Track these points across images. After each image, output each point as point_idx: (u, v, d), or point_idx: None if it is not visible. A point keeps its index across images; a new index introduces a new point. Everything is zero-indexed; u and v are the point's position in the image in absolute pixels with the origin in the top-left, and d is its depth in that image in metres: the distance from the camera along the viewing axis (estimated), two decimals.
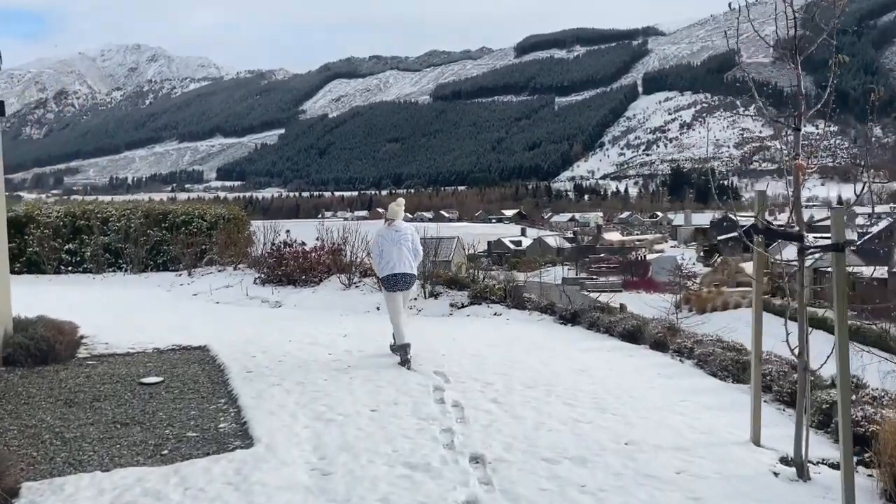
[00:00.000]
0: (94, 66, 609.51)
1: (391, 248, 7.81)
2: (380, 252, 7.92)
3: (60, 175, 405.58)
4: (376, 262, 8.04)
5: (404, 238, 7.90)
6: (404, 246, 7.85)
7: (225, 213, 18.40)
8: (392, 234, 7.89)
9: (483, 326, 9.97)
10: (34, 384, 7.14)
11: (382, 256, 7.86)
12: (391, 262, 7.78)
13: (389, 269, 7.79)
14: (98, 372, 7.62)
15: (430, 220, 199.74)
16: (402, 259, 7.79)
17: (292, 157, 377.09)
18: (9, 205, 20.57)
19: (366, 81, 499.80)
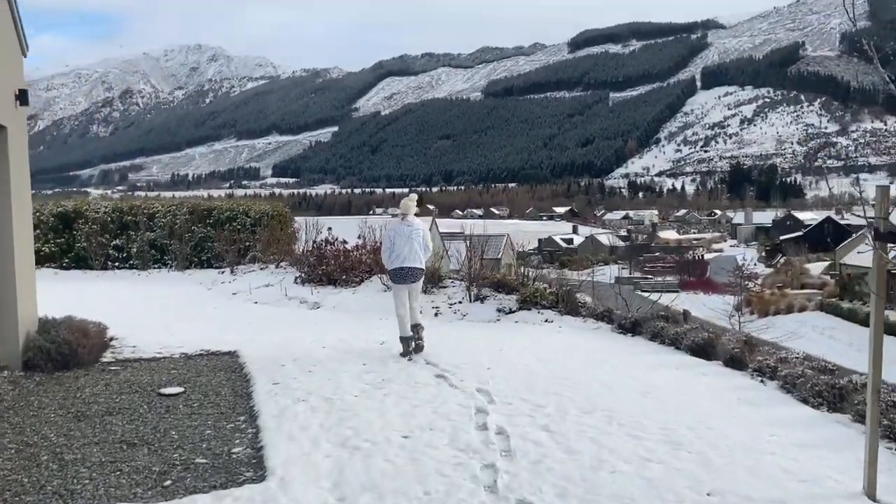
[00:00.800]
0: (157, 66, 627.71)
1: (403, 243, 7.94)
2: (391, 245, 8.01)
3: (125, 171, 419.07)
4: (386, 255, 8.12)
5: (416, 233, 8.04)
6: (415, 241, 7.99)
7: (269, 209, 18.00)
8: (404, 229, 8.02)
9: (533, 335, 9.14)
10: (49, 393, 6.67)
11: (393, 250, 7.97)
12: (401, 255, 7.90)
13: (399, 262, 7.90)
14: (119, 380, 7.11)
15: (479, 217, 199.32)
16: (412, 253, 7.91)
17: (345, 155, 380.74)
18: (57, 200, 20.72)
19: (418, 79, 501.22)
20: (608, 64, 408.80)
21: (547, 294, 10.56)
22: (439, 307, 10.82)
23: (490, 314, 10.37)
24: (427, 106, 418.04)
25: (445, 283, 11.91)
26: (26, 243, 7.96)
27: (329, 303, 11.70)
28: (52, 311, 11.08)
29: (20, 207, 7.68)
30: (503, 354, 7.80)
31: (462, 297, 11.05)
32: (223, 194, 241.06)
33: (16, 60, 7.96)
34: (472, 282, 11.10)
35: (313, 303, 11.79)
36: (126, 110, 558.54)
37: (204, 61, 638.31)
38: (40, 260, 18.59)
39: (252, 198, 45.01)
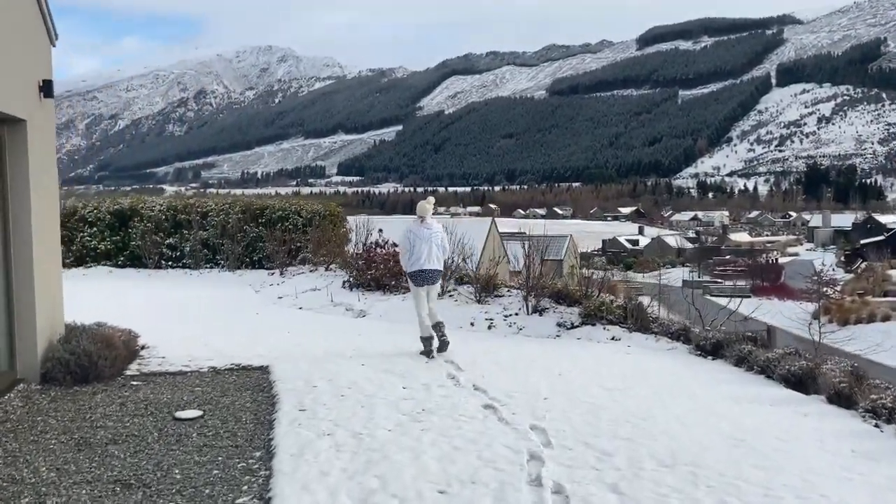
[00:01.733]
0: (230, 67, 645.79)
1: (422, 245, 7.96)
2: (410, 248, 8.04)
3: (198, 169, 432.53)
4: (405, 257, 8.15)
5: (435, 235, 8.08)
6: (434, 243, 8.04)
7: (321, 209, 17.41)
8: (423, 232, 8.03)
9: (598, 356, 8.10)
10: (59, 412, 6.07)
11: (413, 252, 8.00)
12: (421, 258, 7.95)
13: (420, 264, 7.95)
14: (136, 398, 6.48)
15: (542, 217, 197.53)
16: (431, 256, 7.98)
17: (408, 153, 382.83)
18: (114, 197, 20.70)
19: (482, 77, 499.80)
20: (678, 61, 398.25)
21: (614, 308, 9.47)
22: (493, 319, 9.90)
23: (549, 329, 9.38)
24: (490, 105, 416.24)
25: (501, 291, 10.98)
26: (49, 244, 7.44)
27: (376, 311, 10.93)
28: (92, 313, 10.68)
29: (44, 206, 7.17)
30: (563, 380, 6.83)
31: (519, 309, 10.09)
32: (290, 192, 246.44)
33: (41, 49, 7.44)
34: (530, 292, 10.13)
35: (359, 310, 11.04)
36: (200, 110, 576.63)
37: (274, 62, 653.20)
38: (96, 258, 18.60)
39: (306, 197, 44.74)
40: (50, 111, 7.56)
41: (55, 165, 7.80)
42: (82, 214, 18.66)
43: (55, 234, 7.71)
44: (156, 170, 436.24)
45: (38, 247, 6.99)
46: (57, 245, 7.75)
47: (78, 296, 13.52)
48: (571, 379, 6.86)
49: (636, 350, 8.53)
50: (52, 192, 7.65)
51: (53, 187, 7.68)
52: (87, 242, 18.35)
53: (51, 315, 7.38)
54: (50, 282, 7.39)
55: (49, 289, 7.33)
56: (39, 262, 6.99)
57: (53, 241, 7.61)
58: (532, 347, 8.40)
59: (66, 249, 18.50)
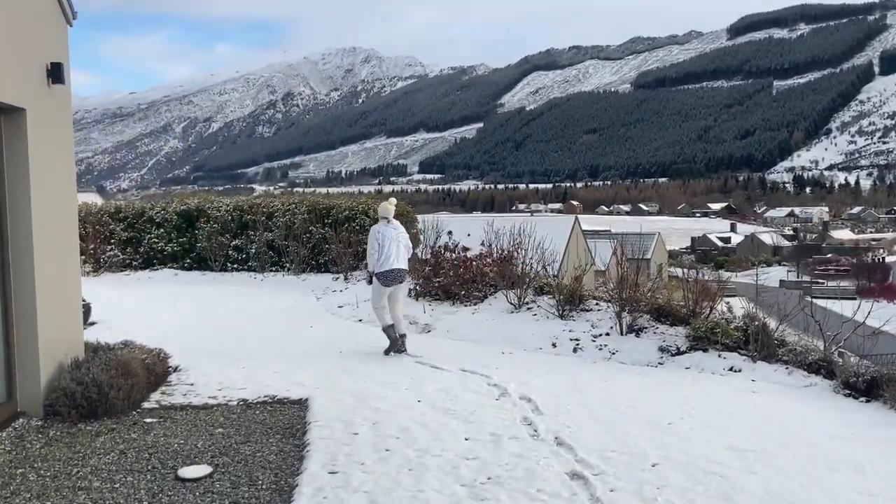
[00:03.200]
0: (315, 69, 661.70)
1: (391, 245, 8.11)
2: (379, 248, 8.13)
3: (286, 169, 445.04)
4: (374, 257, 8.21)
5: (401, 236, 8.30)
6: (401, 243, 8.24)
7: None
8: (391, 232, 8.21)
9: (716, 396, 6.39)
10: (47, 461, 4.99)
11: (382, 252, 8.10)
12: (391, 257, 8.08)
13: (389, 264, 8.08)
14: (143, 444, 5.34)
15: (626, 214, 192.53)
16: (399, 255, 8.16)
17: (489, 150, 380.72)
18: (182, 197, 20.21)
19: (564, 73, 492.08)
20: (772, 50, 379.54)
21: (730, 330, 7.71)
22: (579, 340, 8.36)
23: (649, 354, 7.75)
24: (573, 100, 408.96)
25: (588, 303, 9.41)
26: (59, 251, 6.42)
27: (442, 326, 9.57)
28: (136, 324, 9.82)
29: (51, 206, 6.14)
30: (675, 433, 5.24)
31: (610, 327, 8.50)
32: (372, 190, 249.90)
33: (50, 29, 6.42)
34: (625, 306, 8.53)
35: (423, 325, 9.71)
36: (287, 112, 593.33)
37: (358, 63, 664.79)
38: (163, 260, 18.06)
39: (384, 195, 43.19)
40: (62, 98, 6.56)
41: (70, 160, 6.80)
42: (150, 215, 18.19)
43: (69, 240, 6.71)
44: (246, 170, 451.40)
45: (42, 254, 5.96)
46: (71, 252, 6.75)
47: (134, 302, 12.86)
48: (685, 432, 5.26)
49: (764, 387, 6.77)
50: (64, 190, 6.62)
51: (66, 185, 6.66)
52: (155, 244, 17.86)
53: (61, 334, 6.37)
54: (60, 295, 6.38)
55: (58, 303, 6.31)
56: (44, 272, 5.97)
57: (66, 248, 6.61)
58: (629, 381, 6.81)
59: (134, 251, 18.12)
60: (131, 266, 17.92)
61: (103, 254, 17.53)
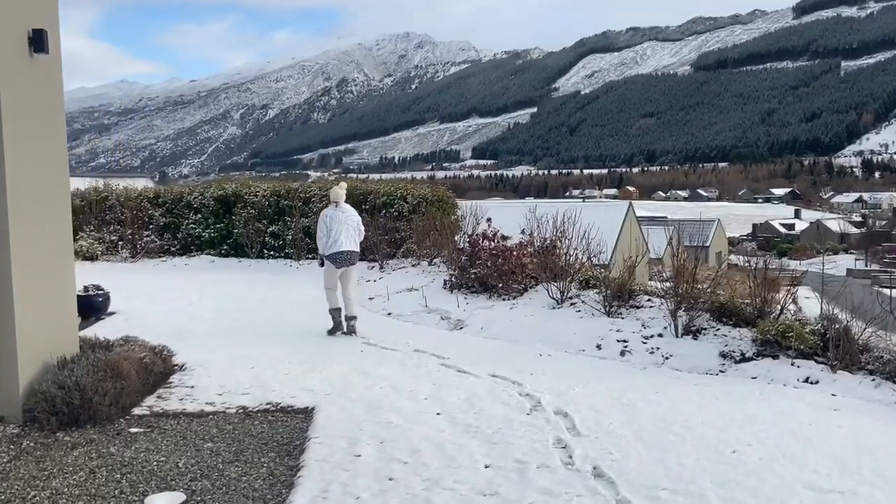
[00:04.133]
0: (370, 56, 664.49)
1: (339, 228, 8.37)
2: (327, 231, 8.39)
3: (340, 155, 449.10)
4: (323, 240, 8.47)
5: (349, 219, 8.58)
6: (350, 225, 8.52)
7: (428, 194, 15.40)
8: (339, 215, 8.48)
9: (790, 415, 5.31)
10: (6, 480, 4.39)
11: (329, 235, 8.37)
12: (339, 240, 8.35)
13: (337, 246, 8.35)
14: (119, 461, 4.70)
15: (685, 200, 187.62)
16: (348, 237, 8.41)
17: (543, 136, 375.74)
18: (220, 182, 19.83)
19: (621, 55, 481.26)
20: (840, 29, 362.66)
21: (805, 334, 6.61)
22: (628, 341, 7.41)
23: (708, 360, 6.74)
24: (630, 83, 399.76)
25: (639, 299, 8.43)
26: (45, 238, 5.83)
27: (476, 321, 8.73)
28: (156, 314, 9.30)
29: (33, 189, 5.55)
30: (741, 464, 4.30)
31: (664, 327, 7.52)
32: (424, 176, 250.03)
33: None
34: (681, 303, 7.53)
35: (456, 320, 8.89)
36: (342, 98, 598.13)
37: (411, 48, 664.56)
38: (200, 246, 17.71)
39: (441, 181, 41.95)
40: (49, 70, 5.93)
41: (61, 139, 6.18)
42: (188, 201, 17.85)
43: (60, 226, 6.11)
44: (301, 156, 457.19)
45: (20, 242, 5.37)
46: (61, 241, 6.14)
47: (161, 290, 12.43)
48: (754, 465, 4.31)
49: (846, 403, 5.71)
50: (52, 172, 6.00)
51: (53, 166, 6.04)
52: (192, 230, 17.51)
53: (45, 330, 5.78)
54: (45, 287, 5.79)
55: (42, 296, 5.73)
56: (23, 261, 5.37)
57: (54, 237, 6.01)
58: (685, 393, 5.85)
59: (172, 237, 17.82)
60: (169, 252, 17.63)
61: (140, 239, 17.27)
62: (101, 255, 17.11)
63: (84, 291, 9.67)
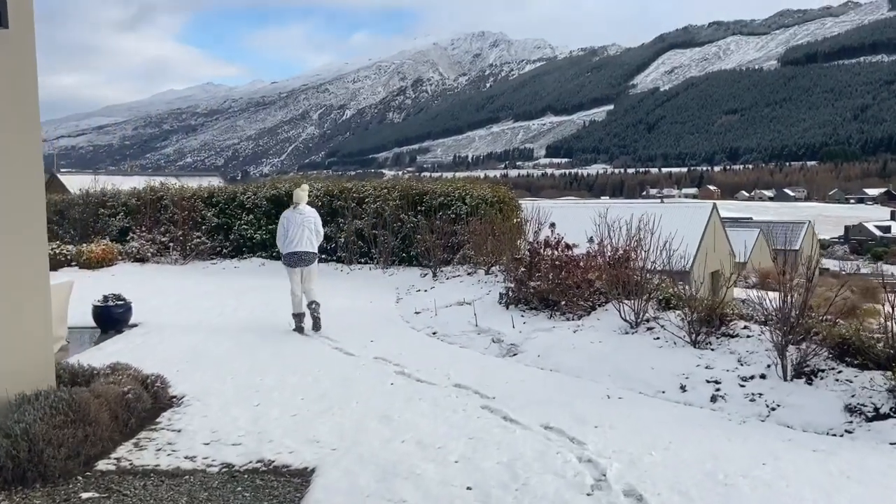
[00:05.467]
0: (445, 55, 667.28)
1: (296, 229, 8.88)
2: (285, 232, 8.92)
3: (414, 154, 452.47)
4: (281, 241, 9.00)
5: (307, 220, 9.05)
6: (307, 227, 8.98)
7: (488, 194, 14.06)
8: (297, 217, 8.98)
9: None
10: None
11: (287, 236, 8.88)
12: (294, 240, 8.84)
13: (293, 247, 8.83)
14: None
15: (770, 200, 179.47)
16: (303, 239, 8.89)
17: (619, 133, 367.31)
18: (274, 181, 19.08)
19: (703, 50, 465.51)
20: None
21: None
22: (721, 382, 5.89)
23: (830, 415, 5.13)
24: (712, 79, 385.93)
25: (733, 326, 6.88)
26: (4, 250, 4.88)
27: (533, 346, 7.37)
28: (178, 327, 8.39)
29: None
30: None
31: (767, 366, 5.97)
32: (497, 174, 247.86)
33: None
34: (789, 334, 5.97)
35: (509, 345, 7.55)
36: (417, 97, 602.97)
37: (486, 47, 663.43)
38: (252, 248, 16.97)
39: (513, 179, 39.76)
40: (14, 49, 4.96)
41: (32, 130, 5.20)
42: (240, 200, 17.14)
43: (28, 234, 5.14)
44: (377, 155, 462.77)
45: None
46: (31, 250, 5.17)
47: (197, 297, 11.61)
48: None
49: None
50: (17, 168, 5.03)
51: (20, 162, 5.06)
52: (244, 231, 16.78)
53: (4, 361, 4.82)
54: (3, 307, 4.83)
55: (30, 315, 4.78)
56: None
57: (19, 245, 5.04)
58: (803, 468, 4.35)
59: (225, 238, 17.17)
60: (220, 254, 16.97)
61: (190, 241, 16.66)
62: (151, 258, 16.59)
63: (103, 302, 8.86)
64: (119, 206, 18.66)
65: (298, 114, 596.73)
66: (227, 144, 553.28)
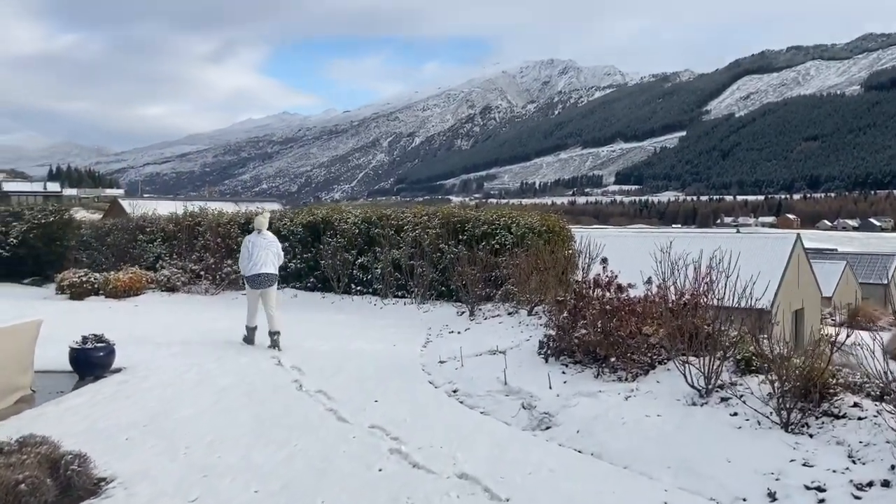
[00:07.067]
0: (513, 83, 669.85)
1: (260, 252, 9.35)
2: (249, 255, 9.35)
3: (481, 181, 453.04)
4: (245, 263, 9.42)
5: (270, 244, 9.58)
6: (270, 251, 9.49)
7: (536, 223, 12.52)
8: (261, 241, 9.48)
9: None
10: None
11: (252, 258, 9.31)
12: (258, 263, 9.29)
13: (257, 269, 9.27)
14: None
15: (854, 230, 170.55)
16: (267, 261, 9.37)
17: (692, 160, 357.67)
18: (311, 207, 18.06)
19: (781, 75, 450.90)
20: None
21: None
22: (826, 489, 4.08)
23: None
24: (790, 104, 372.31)
25: (839, 403, 5.12)
26: None
27: (572, 417, 5.80)
28: (165, 374, 7.23)
29: None
30: None
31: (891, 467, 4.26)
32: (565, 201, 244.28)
33: None
34: None
35: (542, 414, 5.98)
36: (485, 125, 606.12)
37: (555, 75, 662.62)
38: (285, 278, 15.86)
39: (581, 206, 37.24)
40: None
41: None
42: (276, 227, 16.12)
43: None
44: (444, 182, 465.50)
45: None
46: None
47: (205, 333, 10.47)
48: None
49: None
50: None
51: None
52: None
53: None
54: None
55: None
56: None
57: None
58: None
59: None
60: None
61: (220, 270, 15.73)
62: (181, 287, 15.73)
63: (81, 343, 7.76)
64: (157, 232, 18.03)
65: (369, 141, 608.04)
66: (301, 171, 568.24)
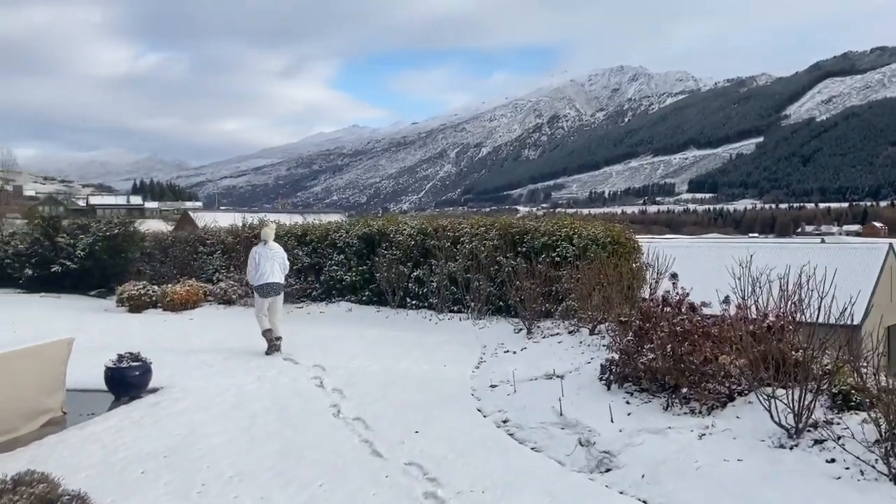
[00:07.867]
0: (581, 91, 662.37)
1: (265, 263, 9.88)
2: (256, 266, 9.89)
3: (549, 190, 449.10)
4: (252, 274, 9.98)
5: (276, 255, 10.12)
6: (276, 261, 10.04)
7: (600, 234, 11.67)
8: (267, 252, 10.01)
9: None
10: None
11: (259, 269, 9.85)
12: (265, 273, 9.82)
13: (265, 279, 9.80)
14: None
15: None
16: (274, 271, 9.93)
17: (770, 167, 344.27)
18: (367, 218, 17.66)
19: (865, 78, 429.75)
20: None
21: None
22: None
23: None
24: (876, 107, 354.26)
25: None
26: None
27: (636, 459, 5.02)
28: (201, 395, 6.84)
29: None
30: None
31: None
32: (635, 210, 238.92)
33: None
34: None
35: (601, 454, 5.22)
36: (552, 134, 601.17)
37: (625, 82, 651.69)
38: (341, 291, 15.51)
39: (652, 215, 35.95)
40: None
41: None
42: (332, 239, 15.83)
43: None
44: (511, 192, 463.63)
45: None
46: None
47: (256, 348, 10.14)
48: None
49: None
50: None
51: None
52: (334, 272, 15.41)
53: None
54: None
55: None
56: None
57: None
58: None
59: (315, 280, 15.89)
60: (310, 296, 15.68)
61: None
62: (238, 300, 15.57)
63: (117, 362, 7.47)
64: (217, 245, 18.03)
65: (436, 152, 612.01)
66: (370, 183, 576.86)
